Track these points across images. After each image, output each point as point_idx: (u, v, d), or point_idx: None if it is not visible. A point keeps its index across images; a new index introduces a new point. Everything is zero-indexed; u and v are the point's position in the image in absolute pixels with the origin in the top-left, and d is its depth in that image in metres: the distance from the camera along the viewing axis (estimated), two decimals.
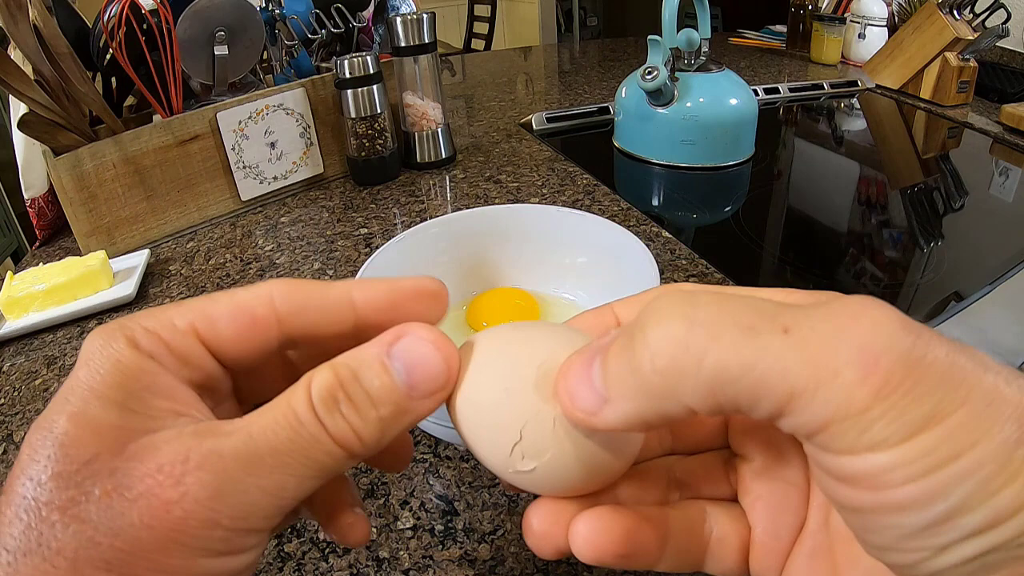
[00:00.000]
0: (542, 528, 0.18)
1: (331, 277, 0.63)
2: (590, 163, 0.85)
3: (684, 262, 0.61)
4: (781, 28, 1.56)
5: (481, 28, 3.29)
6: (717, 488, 0.21)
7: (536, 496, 0.19)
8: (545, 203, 0.73)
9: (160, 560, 0.15)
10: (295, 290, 0.18)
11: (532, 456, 0.17)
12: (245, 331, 0.18)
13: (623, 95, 0.89)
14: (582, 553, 0.18)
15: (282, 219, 0.76)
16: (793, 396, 0.13)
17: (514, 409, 0.17)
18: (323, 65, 0.84)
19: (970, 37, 1.01)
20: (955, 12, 1.03)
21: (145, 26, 0.65)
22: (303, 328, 0.18)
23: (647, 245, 0.43)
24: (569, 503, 0.19)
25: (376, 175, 0.82)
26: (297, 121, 0.79)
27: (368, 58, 0.76)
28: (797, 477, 0.19)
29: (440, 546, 0.35)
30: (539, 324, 0.20)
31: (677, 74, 0.81)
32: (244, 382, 0.21)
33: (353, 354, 0.17)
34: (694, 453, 0.22)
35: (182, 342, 0.17)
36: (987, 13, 1.02)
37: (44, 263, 0.65)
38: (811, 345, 0.13)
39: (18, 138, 0.71)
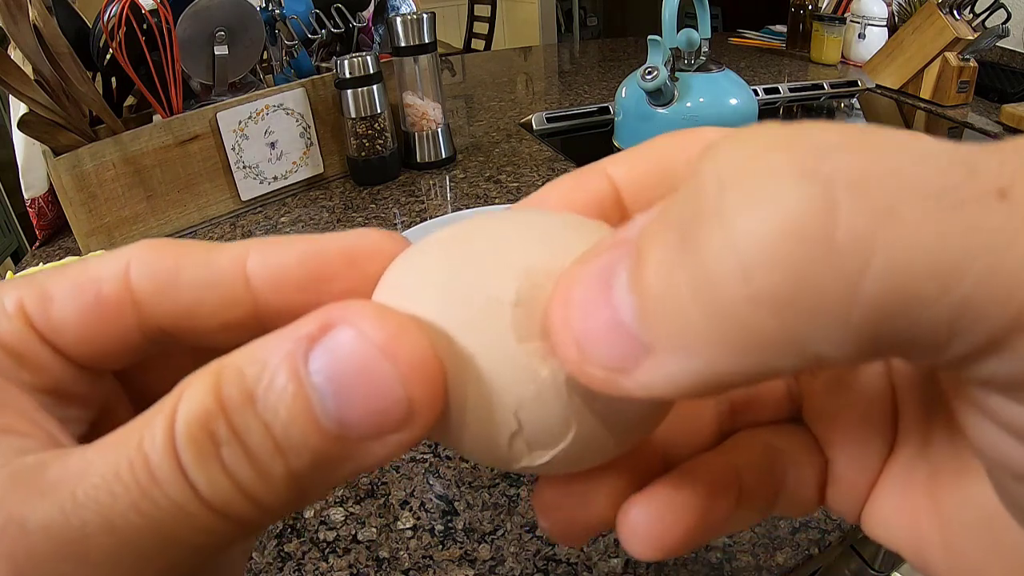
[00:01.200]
0: (565, 519, 0.13)
1: None
2: (590, 163, 0.85)
3: None
4: (781, 28, 1.56)
5: (481, 28, 3.29)
6: (777, 408, 0.15)
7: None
8: None
9: None
10: (162, 256, 0.12)
11: (542, 446, 0.11)
12: (90, 316, 0.12)
13: (623, 95, 0.89)
14: (644, 552, 0.13)
15: (282, 219, 0.76)
16: (1020, 324, 0.07)
17: (495, 384, 0.11)
18: (323, 65, 0.84)
19: (970, 37, 1.01)
20: (955, 12, 1.03)
21: (145, 26, 0.65)
22: (173, 313, 0.12)
23: None
24: (598, 475, 0.13)
25: (376, 175, 0.82)
26: (297, 121, 0.79)
27: (368, 58, 0.76)
28: (878, 385, 0.14)
29: (440, 546, 0.35)
30: (509, 213, 0.13)
31: (677, 74, 0.81)
32: (140, 380, 0.14)
33: (250, 354, 0.10)
34: None
35: (11, 331, 0.12)
36: (987, 13, 1.02)
37: (44, 263, 0.65)
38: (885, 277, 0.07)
39: (18, 138, 0.71)
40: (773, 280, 0.08)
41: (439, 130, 0.86)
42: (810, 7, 1.35)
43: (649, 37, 0.79)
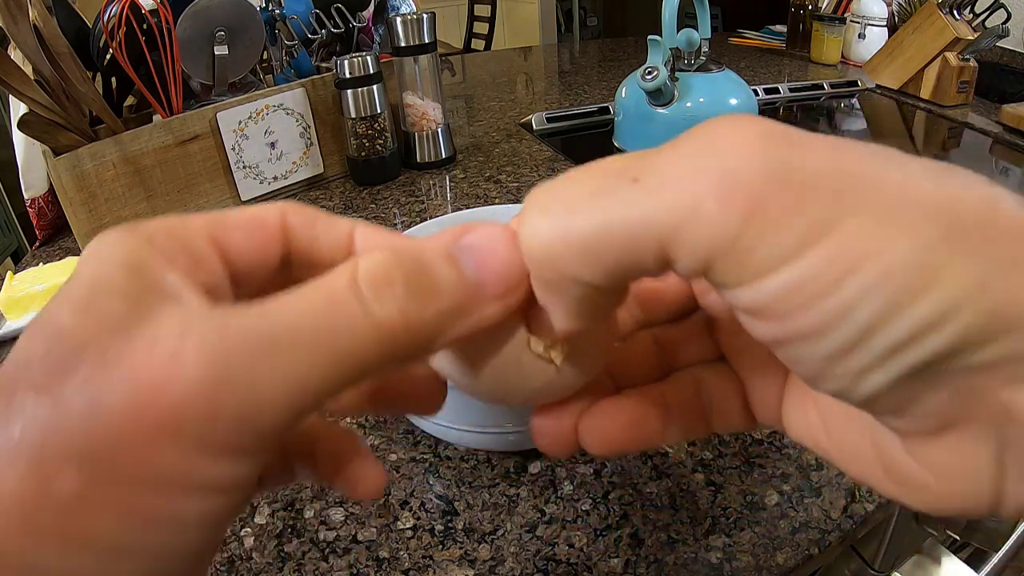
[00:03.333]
0: (551, 434, 0.18)
1: None
2: None
3: None
4: (781, 28, 1.56)
5: (481, 28, 3.29)
6: (703, 350, 0.20)
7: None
8: None
9: (146, 456, 0.11)
10: (305, 210, 0.17)
11: (532, 384, 0.17)
12: (256, 237, 0.16)
13: (623, 95, 0.89)
14: (593, 448, 0.18)
15: None
16: (664, 244, 0.12)
17: (502, 348, 0.16)
18: (323, 65, 0.84)
19: (970, 37, 1.01)
20: (955, 12, 1.03)
21: (145, 26, 0.65)
22: (305, 249, 0.17)
23: None
24: (571, 403, 0.18)
25: (376, 175, 0.82)
26: (297, 121, 0.79)
27: (368, 58, 0.76)
28: None
29: (440, 546, 0.35)
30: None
31: (677, 74, 0.81)
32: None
33: (410, 242, 0.15)
34: (673, 322, 0.21)
35: (196, 242, 0.15)
36: (987, 13, 1.02)
37: (44, 263, 0.65)
38: (665, 185, 0.12)
39: (18, 138, 0.71)
40: (539, 255, 0.14)
41: (439, 130, 0.86)
42: (810, 7, 1.35)
43: (649, 37, 0.79)
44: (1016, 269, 0.11)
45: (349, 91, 0.77)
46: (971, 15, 1.03)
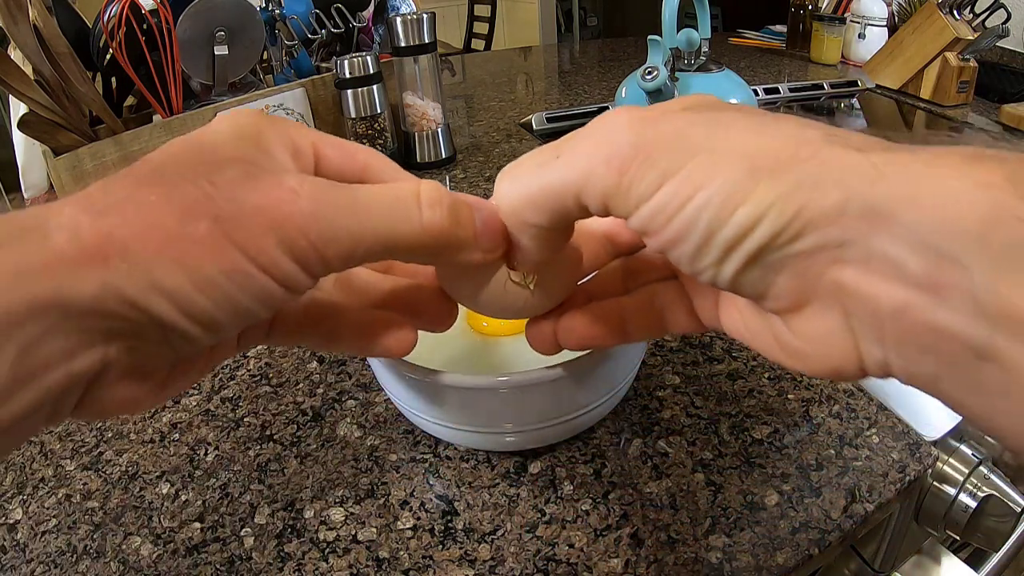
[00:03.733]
0: (540, 338, 0.26)
1: None
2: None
3: None
4: (781, 28, 1.56)
5: (481, 28, 3.29)
6: (662, 271, 0.25)
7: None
8: None
9: (254, 239, 0.17)
10: (383, 161, 0.23)
11: (520, 303, 0.24)
12: (343, 159, 0.22)
13: (623, 95, 0.89)
14: (567, 343, 0.25)
15: None
16: (578, 195, 0.19)
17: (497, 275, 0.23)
18: (323, 65, 0.84)
19: (970, 37, 1.01)
20: (955, 12, 1.03)
21: (145, 26, 0.65)
22: (367, 178, 0.23)
23: None
24: (552, 315, 0.25)
25: None
26: (297, 121, 0.79)
27: (368, 58, 0.76)
28: None
29: (440, 546, 0.35)
30: None
31: (677, 74, 0.81)
32: None
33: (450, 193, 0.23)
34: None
35: (303, 145, 0.20)
36: (987, 13, 1.02)
37: None
38: (576, 158, 0.19)
39: (18, 138, 0.71)
40: (505, 207, 0.21)
41: (439, 130, 0.86)
42: (810, 7, 1.35)
43: (649, 37, 0.79)
44: (814, 186, 0.16)
45: (349, 91, 0.77)
46: (971, 15, 1.03)
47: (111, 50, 0.65)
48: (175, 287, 0.16)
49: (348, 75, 0.76)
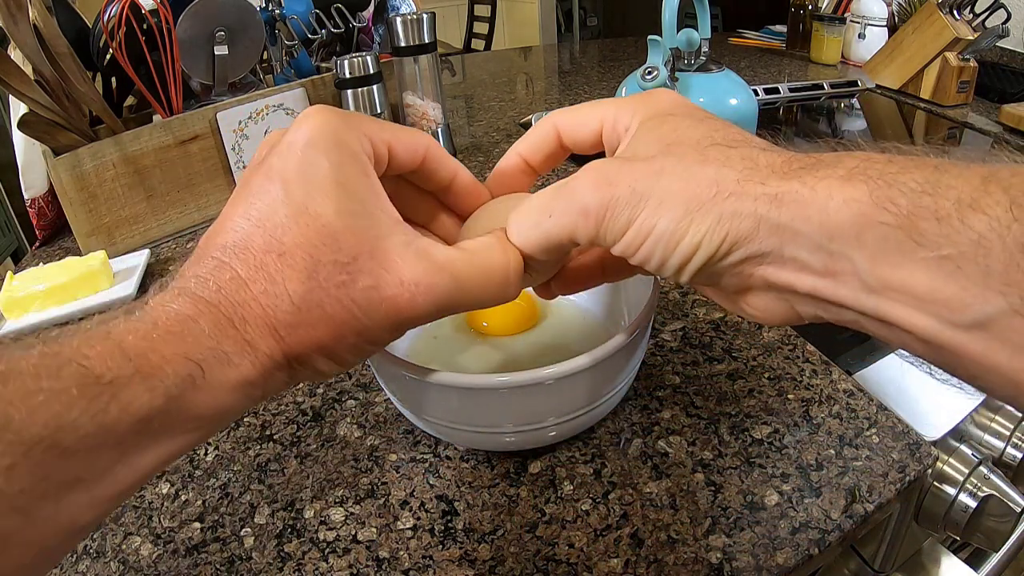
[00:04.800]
0: (539, 290, 0.31)
1: None
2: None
3: None
4: (781, 28, 1.56)
5: (481, 28, 3.29)
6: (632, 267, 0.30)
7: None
8: None
9: (379, 334, 0.23)
10: (438, 149, 0.28)
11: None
12: (410, 154, 0.27)
13: (623, 95, 0.89)
14: (560, 289, 0.31)
15: None
16: (569, 239, 0.25)
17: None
18: (323, 65, 0.84)
19: (970, 37, 1.01)
20: (955, 12, 1.03)
21: (145, 26, 0.65)
22: (429, 168, 0.28)
23: None
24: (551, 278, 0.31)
25: None
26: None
27: (368, 58, 0.76)
28: None
29: (440, 546, 0.35)
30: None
31: (677, 74, 0.81)
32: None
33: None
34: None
35: (381, 151, 0.25)
36: (987, 13, 1.02)
37: (44, 263, 0.65)
38: (564, 215, 0.24)
39: (18, 138, 0.71)
40: (515, 241, 0.27)
41: (439, 130, 0.86)
42: (810, 7, 1.35)
43: (649, 37, 0.79)
44: (733, 216, 0.21)
45: (349, 91, 0.77)
46: (971, 15, 1.03)
47: (111, 50, 0.65)
48: (325, 360, 0.23)
49: (348, 75, 0.76)
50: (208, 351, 0.20)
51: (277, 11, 0.78)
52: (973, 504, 0.40)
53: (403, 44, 0.79)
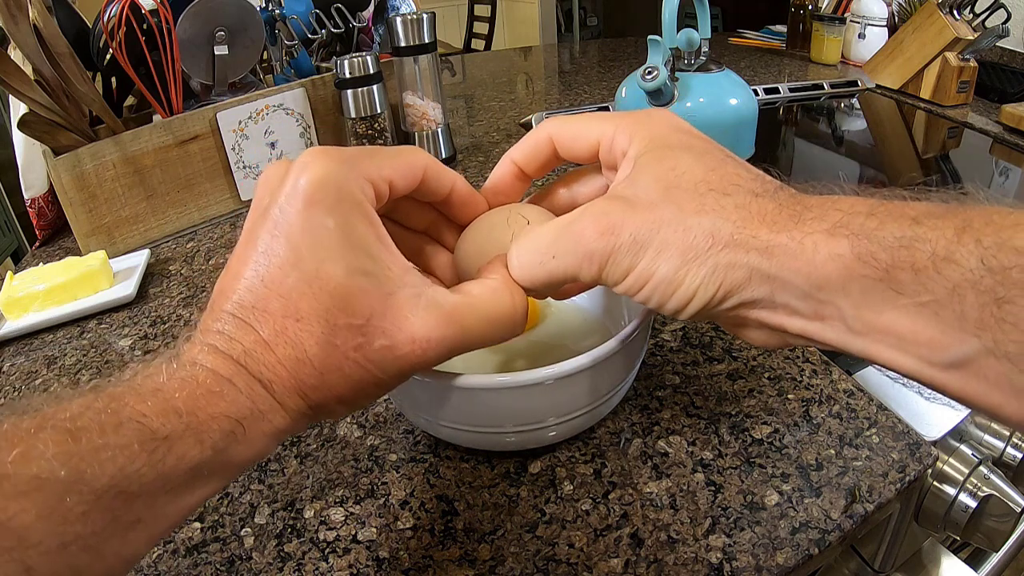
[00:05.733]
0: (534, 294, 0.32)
1: None
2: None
3: None
4: (781, 28, 1.56)
5: (481, 28, 3.29)
6: None
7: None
8: None
9: (392, 383, 0.25)
10: (437, 166, 0.29)
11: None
12: (409, 179, 0.28)
13: (623, 95, 0.89)
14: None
15: None
16: (569, 277, 0.27)
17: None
18: (323, 65, 0.84)
19: (970, 37, 1.01)
20: (955, 12, 1.03)
21: (145, 26, 0.65)
22: (429, 186, 0.29)
23: None
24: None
25: None
26: (297, 121, 0.79)
27: (368, 58, 0.76)
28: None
29: (440, 546, 0.35)
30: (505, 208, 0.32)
31: (677, 74, 0.81)
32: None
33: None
34: None
35: (382, 189, 0.26)
36: (987, 13, 1.02)
37: (44, 263, 0.65)
38: (569, 257, 0.26)
39: (18, 138, 0.71)
40: (516, 275, 0.29)
41: (439, 130, 0.86)
42: (810, 7, 1.35)
43: (649, 37, 0.79)
44: (727, 267, 0.24)
45: (349, 91, 0.77)
46: (971, 15, 1.03)
47: (111, 50, 0.65)
48: (344, 407, 0.25)
49: (348, 75, 0.76)
50: (247, 410, 0.23)
51: (277, 11, 0.78)
52: (973, 504, 0.40)
53: (403, 44, 0.79)
